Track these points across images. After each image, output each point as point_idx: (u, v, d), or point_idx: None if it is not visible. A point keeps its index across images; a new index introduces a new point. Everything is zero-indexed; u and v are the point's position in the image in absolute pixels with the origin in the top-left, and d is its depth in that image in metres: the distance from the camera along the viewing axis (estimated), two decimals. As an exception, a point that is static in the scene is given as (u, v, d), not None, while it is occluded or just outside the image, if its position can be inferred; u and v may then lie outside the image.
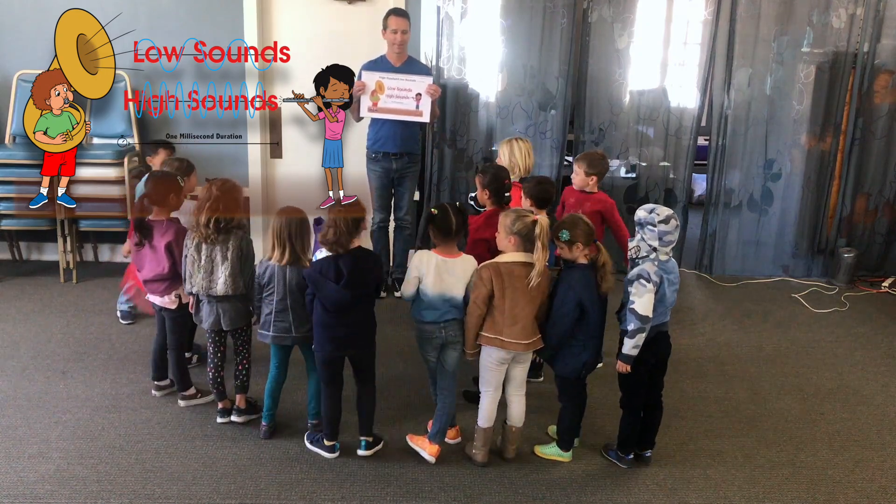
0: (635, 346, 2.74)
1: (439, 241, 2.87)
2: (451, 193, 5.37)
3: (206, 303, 3.06)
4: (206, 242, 2.99)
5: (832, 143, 5.35)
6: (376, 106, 4.13)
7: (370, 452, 2.96)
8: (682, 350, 4.06)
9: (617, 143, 5.38)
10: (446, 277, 2.83)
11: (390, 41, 4.32)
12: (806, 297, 5.12)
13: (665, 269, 2.75)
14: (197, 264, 3.00)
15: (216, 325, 3.07)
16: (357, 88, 4.12)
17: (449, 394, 2.96)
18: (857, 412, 3.49)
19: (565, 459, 2.98)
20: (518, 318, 2.78)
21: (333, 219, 2.80)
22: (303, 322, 2.94)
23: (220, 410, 3.19)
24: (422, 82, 4.17)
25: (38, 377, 3.50)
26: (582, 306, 2.79)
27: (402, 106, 4.15)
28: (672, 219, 2.73)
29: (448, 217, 2.83)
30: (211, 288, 2.99)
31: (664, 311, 2.80)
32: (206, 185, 3.05)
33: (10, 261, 5.14)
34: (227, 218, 2.99)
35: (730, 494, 2.80)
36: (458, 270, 2.85)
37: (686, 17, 5.30)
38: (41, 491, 2.65)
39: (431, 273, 2.82)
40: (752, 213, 5.51)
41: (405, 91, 4.15)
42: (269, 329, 2.98)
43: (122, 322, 4.17)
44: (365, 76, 4.20)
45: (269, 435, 3.06)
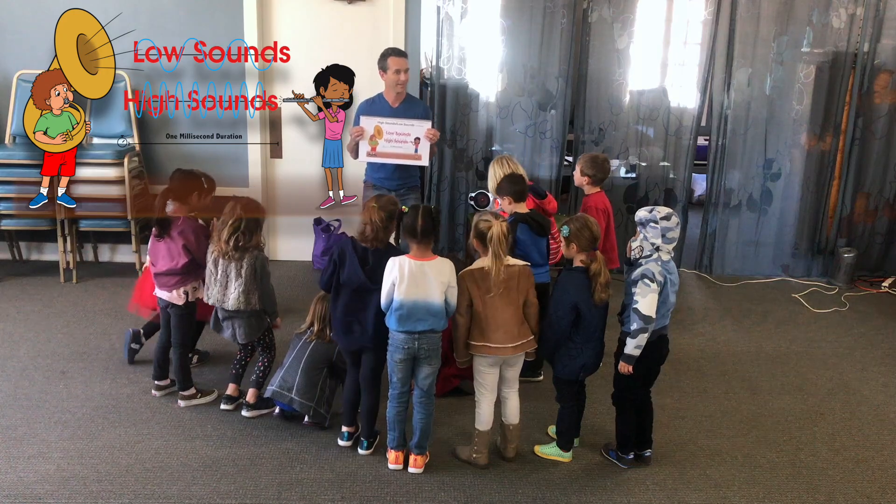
0: (637, 347, 2.73)
1: (408, 240, 2.79)
2: (450, 193, 5.37)
3: (224, 317, 3.19)
4: (223, 258, 3.09)
5: (832, 142, 5.35)
6: (375, 150, 4.10)
7: (370, 451, 2.97)
8: (682, 350, 4.06)
9: (617, 143, 5.38)
10: (420, 282, 2.70)
11: (391, 82, 4.13)
12: (806, 297, 5.12)
13: (667, 270, 2.75)
14: (213, 277, 3.12)
15: (233, 338, 3.22)
16: (356, 133, 4.08)
17: (426, 405, 2.84)
18: (857, 412, 3.49)
19: (565, 459, 2.98)
20: (500, 323, 2.78)
21: (368, 216, 2.83)
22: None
23: (225, 396, 3.25)
24: (421, 126, 4.07)
25: (38, 377, 3.50)
26: (577, 309, 2.79)
27: (401, 150, 4.11)
28: (672, 216, 2.74)
29: (415, 218, 2.73)
30: (224, 301, 3.12)
31: (665, 314, 2.80)
32: (231, 202, 3.12)
33: (10, 261, 5.14)
34: (247, 237, 3.08)
35: (730, 494, 2.80)
36: (431, 273, 2.72)
37: (686, 17, 5.29)
38: (41, 491, 2.65)
39: (405, 279, 2.70)
40: (751, 213, 5.51)
41: (404, 135, 4.08)
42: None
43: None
44: (363, 121, 4.12)
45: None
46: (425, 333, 2.73)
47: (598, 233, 2.87)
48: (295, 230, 5.39)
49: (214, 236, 3.12)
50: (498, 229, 2.75)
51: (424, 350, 2.74)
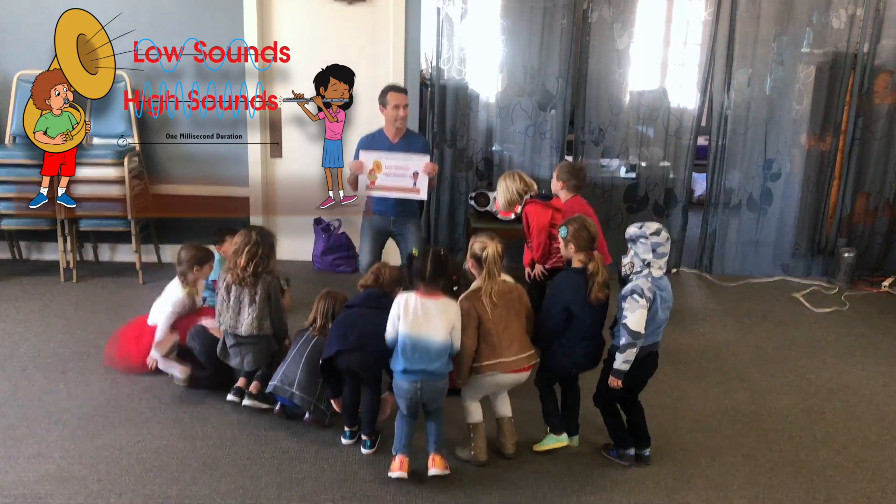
0: (625, 361, 2.76)
1: (416, 282, 2.82)
2: (451, 193, 5.37)
3: (232, 344, 3.21)
4: (236, 284, 3.16)
5: (832, 143, 5.35)
6: (374, 184, 4.15)
7: (373, 450, 2.97)
8: (682, 350, 4.06)
9: (617, 143, 5.38)
10: (422, 319, 2.72)
11: (390, 117, 4.16)
12: (806, 296, 5.12)
13: (658, 287, 2.77)
14: (226, 304, 3.18)
15: (240, 366, 3.24)
16: (355, 168, 4.12)
17: (436, 414, 2.87)
18: (857, 412, 3.49)
19: (563, 443, 3.00)
20: (513, 336, 2.85)
21: (377, 271, 3.13)
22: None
23: (235, 388, 3.29)
24: (419, 161, 4.10)
25: (38, 377, 3.50)
26: (569, 310, 2.85)
27: (400, 184, 4.14)
28: (662, 231, 2.77)
29: (425, 263, 2.77)
30: (237, 328, 3.16)
31: (655, 332, 2.82)
32: (245, 231, 3.24)
33: (10, 261, 5.14)
34: (264, 262, 3.18)
35: (730, 494, 2.80)
36: (435, 312, 2.73)
37: (686, 18, 5.29)
38: (41, 491, 2.65)
39: (410, 313, 2.73)
40: (751, 213, 5.52)
41: (402, 169, 4.11)
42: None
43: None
44: (363, 155, 4.15)
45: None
46: (427, 380, 2.72)
47: (596, 233, 2.95)
48: (295, 230, 5.39)
49: (228, 264, 3.21)
50: (493, 249, 2.86)
51: (427, 396, 2.75)
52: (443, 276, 2.81)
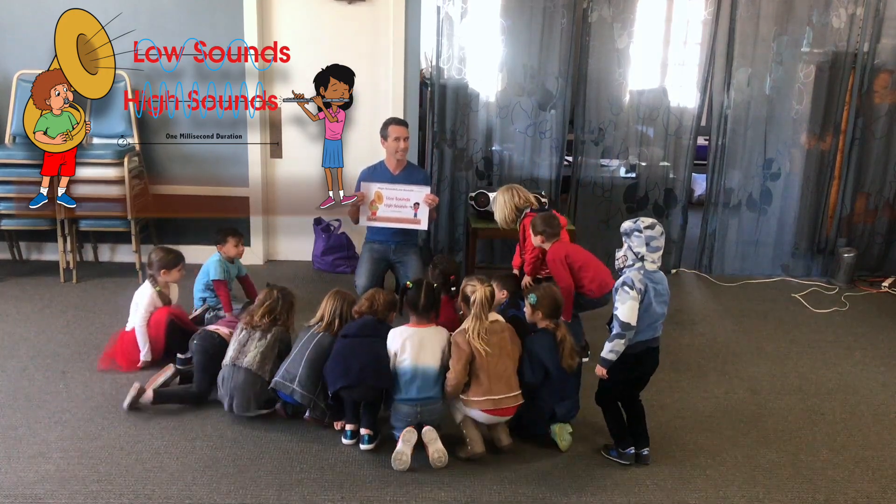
0: (612, 351, 2.78)
1: (409, 312, 3.02)
2: (451, 193, 5.37)
3: (227, 380, 3.14)
4: (248, 327, 3.22)
5: (832, 142, 5.35)
6: (375, 215, 4.21)
7: (372, 446, 2.98)
8: (682, 350, 4.07)
9: (617, 143, 5.38)
10: (419, 349, 2.92)
11: (391, 149, 4.22)
12: (806, 296, 5.12)
13: (652, 280, 2.78)
14: (235, 337, 3.23)
15: (229, 409, 3.17)
16: (357, 199, 4.18)
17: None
18: (857, 412, 3.49)
19: (559, 430, 3.02)
20: (502, 374, 2.90)
21: (371, 297, 3.16)
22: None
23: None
24: (420, 192, 4.16)
25: (38, 377, 3.50)
26: (545, 369, 2.95)
27: (400, 214, 4.20)
28: (657, 225, 2.78)
29: (419, 295, 2.99)
30: (239, 358, 3.14)
31: (652, 326, 2.82)
32: (268, 289, 3.31)
33: (10, 261, 5.14)
34: (281, 318, 3.26)
35: (730, 494, 2.80)
36: (428, 340, 2.94)
37: (686, 17, 5.29)
38: (41, 491, 2.65)
39: (408, 347, 2.91)
40: (751, 213, 5.52)
41: (403, 200, 4.17)
42: None
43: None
44: (363, 187, 4.20)
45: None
46: (428, 401, 2.92)
47: (562, 302, 3.09)
48: (295, 230, 5.39)
49: (245, 316, 3.28)
50: (481, 294, 2.94)
51: (427, 417, 2.93)
52: (434, 307, 3.03)
